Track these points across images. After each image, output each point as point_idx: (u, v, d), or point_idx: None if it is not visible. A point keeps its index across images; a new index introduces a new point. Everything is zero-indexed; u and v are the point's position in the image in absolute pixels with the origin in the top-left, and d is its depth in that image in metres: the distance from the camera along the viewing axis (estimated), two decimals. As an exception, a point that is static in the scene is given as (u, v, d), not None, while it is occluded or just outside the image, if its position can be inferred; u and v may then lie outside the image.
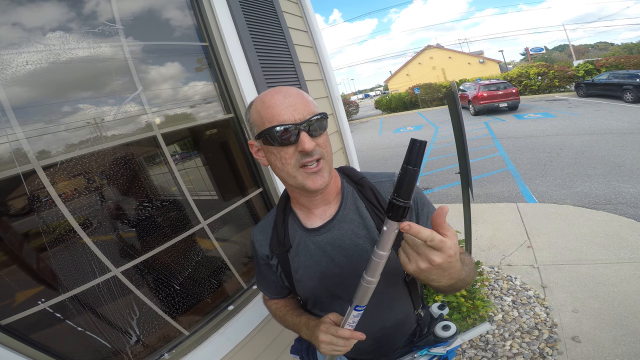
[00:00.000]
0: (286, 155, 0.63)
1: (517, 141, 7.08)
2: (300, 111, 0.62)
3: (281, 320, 0.89)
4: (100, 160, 1.06)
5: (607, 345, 1.76)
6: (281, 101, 0.62)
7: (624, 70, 10.63)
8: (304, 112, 0.62)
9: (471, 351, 1.95)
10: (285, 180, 0.69)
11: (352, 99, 28.23)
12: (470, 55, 31.06)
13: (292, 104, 0.62)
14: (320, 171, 0.65)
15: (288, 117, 0.61)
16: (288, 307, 0.89)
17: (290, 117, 0.61)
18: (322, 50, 2.23)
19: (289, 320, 0.85)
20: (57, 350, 0.90)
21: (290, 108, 0.62)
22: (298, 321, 0.80)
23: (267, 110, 0.63)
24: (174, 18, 1.34)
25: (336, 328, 0.63)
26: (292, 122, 0.61)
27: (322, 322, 0.67)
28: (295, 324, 0.82)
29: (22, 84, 0.90)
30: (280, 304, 0.91)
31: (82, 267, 0.96)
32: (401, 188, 0.43)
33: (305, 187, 0.65)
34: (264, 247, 0.81)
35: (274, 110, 0.62)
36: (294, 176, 0.65)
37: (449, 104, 2.20)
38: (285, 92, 0.64)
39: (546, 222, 3.28)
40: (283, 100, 0.63)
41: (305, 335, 0.77)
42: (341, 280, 0.74)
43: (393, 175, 0.75)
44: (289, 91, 0.65)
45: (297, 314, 0.84)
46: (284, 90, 0.65)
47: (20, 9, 0.92)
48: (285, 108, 0.62)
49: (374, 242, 0.71)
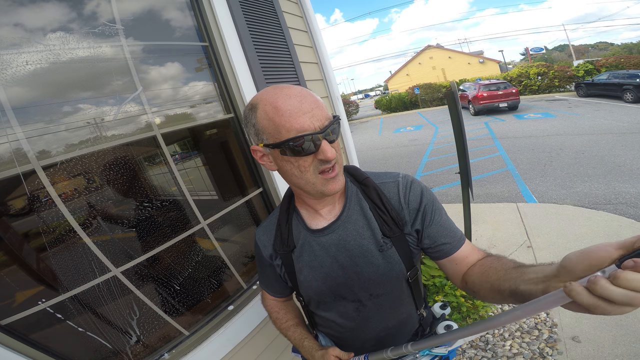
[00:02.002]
0: (305, 163, 0.61)
1: (517, 141, 7.08)
2: (318, 117, 0.58)
3: (281, 330, 0.91)
4: (100, 160, 1.06)
5: (607, 345, 1.76)
6: (298, 107, 0.57)
7: (624, 70, 10.63)
8: (322, 117, 0.59)
9: (471, 351, 1.95)
10: (301, 187, 0.66)
11: (352, 99, 28.24)
12: (470, 55, 31.06)
13: (310, 109, 0.58)
14: (338, 175, 0.64)
15: (308, 126, 0.57)
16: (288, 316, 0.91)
17: (309, 125, 0.57)
18: (322, 50, 2.23)
19: (290, 335, 0.88)
20: (57, 350, 0.90)
21: (309, 114, 0.57)
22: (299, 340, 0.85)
23: (282, 118, 0.57)
24: (174, 18, 1.34)
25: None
26: (312, 130, 0.57)
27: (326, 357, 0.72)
28: (296, 340, 0.86)
29: (22, 84, 0.90)
30: (281, 313, 0.92)
31: (82, 267, 0.96)
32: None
33: (325, 192, 0.64)
34: (268, 248, 0.81)
35: (291, 118, 0.56)
36: (312, 183, 0.63)
37: (449, 104, 2.20)
38: (299, 95, 0.58)
39: (546, 222, 3.28)
40: (300, 106, 0.57)
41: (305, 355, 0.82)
42: (345, 281, 0.74)
43: (397, 176, 0.74)
44: (302, 94, 0.59)
45: (299, 332, 0.87)
46: (296, 93, 0.59)
47: (21, 9, 0.92)
48: (303, 115, 0.57)
49: (378, 243, 0.71)
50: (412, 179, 0.73)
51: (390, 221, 0.70)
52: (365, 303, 0.75)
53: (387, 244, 0.71)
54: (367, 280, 0.72)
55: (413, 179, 0.74)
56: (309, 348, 0.81)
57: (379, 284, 0.73)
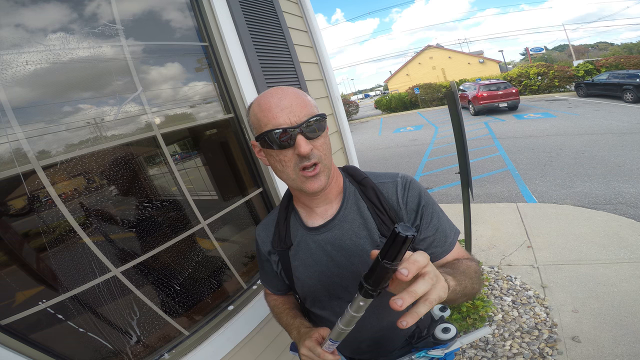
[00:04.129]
0: (285, 158, 0.64)
1: (517, 141, 7.08)
2: (296, 113, 0.61)
3: (277, 317, 0.91)
4: (100, 160, 1.06)
5: (607, 345, 1.76)
6: (276, 103, 0.62)
7: (624, 70, 10.63)
8: (301, 114, 0.62)
9: (471, 351, 1.95)
10: (285, 182, 0.69)
11: (352, 99, 28.24)
12: (470, 55, 31.06)
13: (288, 105, 0.61)
14: (318, 175, 0.64)
15: (284, 120, 0.61)
16: (285, 306, 0.90)
17: (285, 119, 0.61)
18: (322, 50, 2.23)
19: (283, 319, 0.87)
20: (57, 351, 0.90)
21: (286, 110, 0.61)
22: (291, 322, 0.82)
23: (263, 113, 0.62)
24: (174, 18, 1.35)
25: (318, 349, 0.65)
26: (287, 124, 0.61)
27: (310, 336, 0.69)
28: (288, 325, 0.84)
29: (22, 84, 0.90)
30: (279, 301, 0.93)
31: (82, 267, 0.97)
32: (371, 277, 0.42)
33: (304, 189, 0.66)
34: (266, 244, 0.83)
35: (269, 113, 0.61)
36: (293, 179, 0.66)
37: (449, 104, 2.21)
38: (281, 93, 0.63)
39: (546, 222, 3.28)
40: (278, 102, 0.62)
41: (294, 338, 0.79)
42: (340, 280, 0.74)
43: (396, 176, 0.74)
44: (285, 92, 0.63)
45: (292, 314, 0.85)
46: (280, 92, 0.63)
47: (21, 9, 0.92)
48: (280, 110, 0.61)
49: (374, 242, 0.71)
50: (410, 180, 0.74)
51: (388, 221, 0.71)
52: None
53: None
54: None
55: (412, 179, 0.74)
56: (298, 325, 0.80)
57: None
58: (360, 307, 0.47)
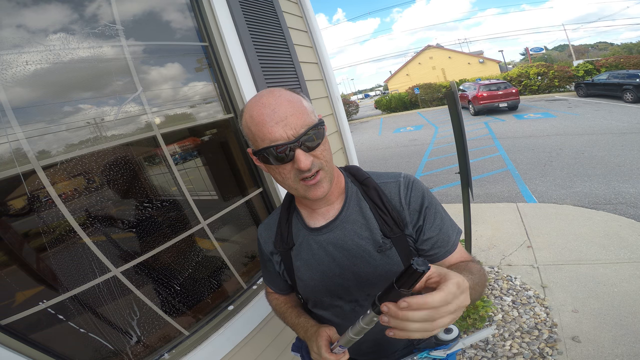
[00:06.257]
0: (284, 171, 0.62)
1: (517, 141, 7.08)
2: (292, 125, 0.57)
3: (280, 316, 0.91)
4: (100, 160, 1.06)
5: (607, 345, 1.76)
6: (270, 116, 0.57)
7: (624, 70, 10.63)
8: (297, 125, 0.58)
9: (471, 351, 1.95)
10: (287, 190, 0.69)
11: (352, 99, 28.24)
12: (470, 55, 31.05)
13: (283, 117, 0.57)
14: (320, 182, 0.63)
15: (280, 135, 0.57)
16: (288, 304, 0.90)
17: (282, 134, 0.57)
18: (322, 50, 2.23)
19: (288, 318, 0.87)
20: (57, 351, 0.90)
21: (281, 123, 0.57)
22: (297, 322, 0.82)
23: (257, 127, 0.58)
24: (174, 19, 1.35)
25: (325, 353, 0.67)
26: (284, 140, 0.57)
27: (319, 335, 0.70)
28: (293, 324, 0.84)
29: (22, 84, 0.90)
30: (281, 300, 0.92)
31: (82, 267, 0.97)
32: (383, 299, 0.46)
33: (307, 197, 0.66)
34: (268, 244, 0.83)
35: (264, 128, 0.57)
36: (295, 188, 0.65)
37: (448, 104, 2.20)
38: (274, 103, 0.58)
39: (546, 222, 3.28)
40: (272, 114, 0.57)
41: (302, 337, 0.80)
42: (342, 280, 0.74)
43: (399, 176, 0.73)
44: (278, 101, 0.58)
45: (296, 313, 0.85)
46: (273, 100, 0.58)
47: (21, 10, 0.92)
48: (275, 124, 0.57)
49: (376, 243, 0.71)
50: (413, 180, 0.73)
51: (391, 221, 0.70)
52: (363, 304, 0.75)
53: (387, 245, 0.70)
54: (364, 281, 0.72)
55: (415, 179, 0.74)
56: (304, 323, 0.79)
57: (376, 284, 0.72)
58: (372, 322, 0.51)
